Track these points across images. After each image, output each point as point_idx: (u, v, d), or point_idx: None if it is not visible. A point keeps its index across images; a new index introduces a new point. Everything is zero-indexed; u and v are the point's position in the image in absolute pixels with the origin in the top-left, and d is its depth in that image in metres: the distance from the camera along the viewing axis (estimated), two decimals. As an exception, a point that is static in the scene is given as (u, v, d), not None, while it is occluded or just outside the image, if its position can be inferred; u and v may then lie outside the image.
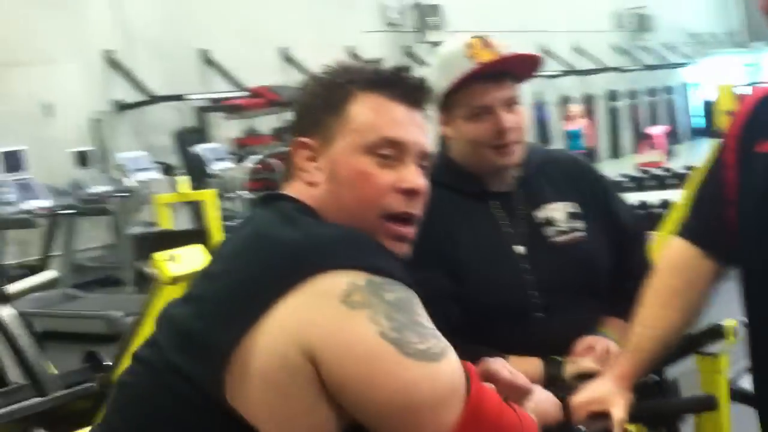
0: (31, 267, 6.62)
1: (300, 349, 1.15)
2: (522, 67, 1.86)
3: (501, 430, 1.23)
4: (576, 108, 13.23)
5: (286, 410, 1.16)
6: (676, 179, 8.57)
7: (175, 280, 2.34)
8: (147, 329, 1.36)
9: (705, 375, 2.03)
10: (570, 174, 1.95)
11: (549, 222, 1.87)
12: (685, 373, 1.86)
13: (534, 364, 1.78)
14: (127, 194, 7.65)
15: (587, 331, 1.83)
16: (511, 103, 1.82)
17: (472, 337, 1.69)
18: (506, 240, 1.84)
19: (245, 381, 1.16)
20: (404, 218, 1.33)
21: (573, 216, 1.89)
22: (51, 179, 7.52)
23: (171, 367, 1.20)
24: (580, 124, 12.60)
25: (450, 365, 1.21)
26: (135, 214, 7.80)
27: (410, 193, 1.32)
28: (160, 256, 2.27)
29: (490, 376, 1.36)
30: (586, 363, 1.79)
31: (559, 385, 1.73)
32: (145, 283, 6.92)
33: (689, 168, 9.67)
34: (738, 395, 2.10)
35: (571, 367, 1.79)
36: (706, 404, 1.82)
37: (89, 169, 7.88)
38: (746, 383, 2.08)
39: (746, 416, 2.00)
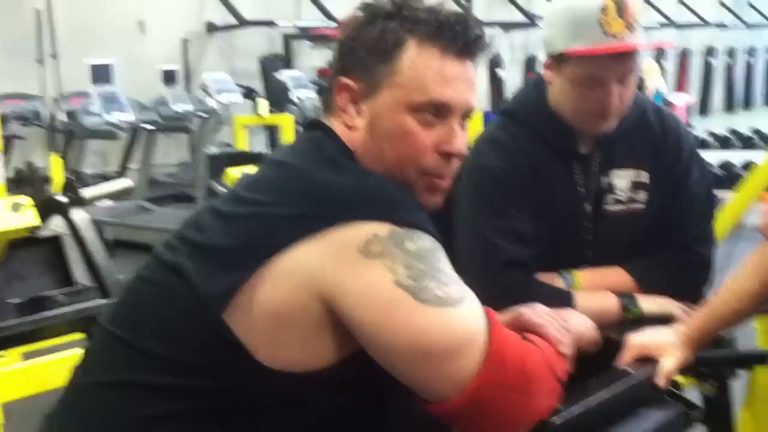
0: (109, 178, 6.79)
1: (314, 292, 1.17)
2: (654, 48, 1.80)
3: (525, 376, 1.23)
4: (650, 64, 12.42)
5: (282, 339, 1.19)
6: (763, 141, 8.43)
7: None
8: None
9: (765, 334, 2.02)
10: (655, 140, 1.88)
11: (610, 189, 1.86)
12: (744, 331, 1.82)
13: (609, 300, 1.81)
14: (207, 114, 7.77)
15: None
16: (625, 76, 1.74)
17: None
18: (578, 198, 1.85)
19: (249, 307, 1.18)
20: (440, 176, 1.33)
21: (637, 186, 1.86)
22: (138, 94, 7.67)
23: (178, 272, 1.24)
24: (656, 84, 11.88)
25: (468, 311, 1.21)
26: (213, 135, 7.93)
27: (449, 155, 1.32)
28: (232, 172, 2.32)
29: (523, 324, 1.36)
30: (664, 304, 1.79)
31: (630, 322, 1.76)
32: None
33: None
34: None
35: (647, 304, 1.80)
36: (763, 358, 1.82)
37: (175, 88, 8.02)
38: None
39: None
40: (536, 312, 1.40)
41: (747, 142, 9.13)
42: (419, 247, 1.20)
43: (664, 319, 1.74)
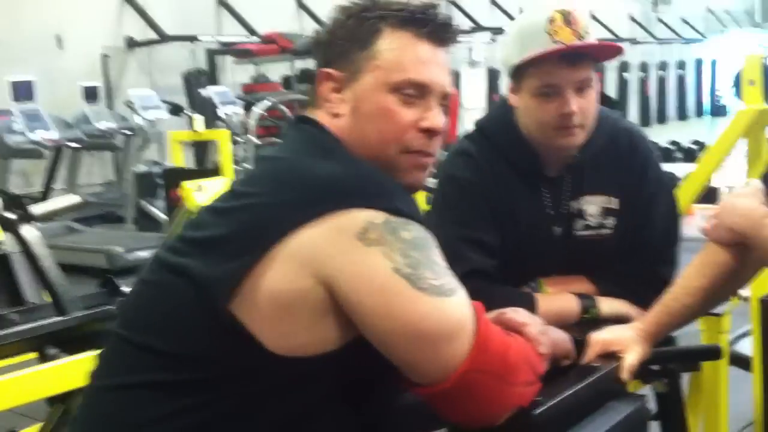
0: (34, 198, 6.63)
1: (315, 276, 1.21)
2: (601, 51, 1.83)
3: (507, 365, 1.30)
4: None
5: (288, 325, 1.23)
6: (682, 153, 8.70)
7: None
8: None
9: (709, 333, 2.12)
10: (624, 164, 1.92)
11: (580, 214, 1.91)
12: (687, 333, 1.90)
13: (570, 301, 1.87)
14: (132, 132, 7.66)
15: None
16: (582, 86, 1.79)
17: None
18: (547, 220, 1.90)
19: (253, 295, 1.22)
20: (423, 154, 1.38)
21: (607, 212, 1.92)
22: (58, 111, 7.51)
23: (181, 270, 1.27)
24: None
25: (460, 301, 1.28)
26: (140, 152, 7.82)
27: (430, 131, 1.38)
28: (188, 186, 2.33)
29: (504, 322, 1.42)
30: (621, 306, 1.86)
31: (588, 322, 1.83)
32: (146, 220, 7.00)
33: (696, 143, 9.79)
34: (735, 359, 2.18)
35: (606, 306, 1.87)
36: (713, 353, 1.94)
37: (97, 104, 7.88)
38: (743, 348, 2.17)
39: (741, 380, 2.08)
40: (518, 313, 1.46)
41: (666, 155, 9.39)
42: (414, 237, 1.25)
43: (621, 320, 1.82)
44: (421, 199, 3.12)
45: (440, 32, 1.39)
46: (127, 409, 1.26)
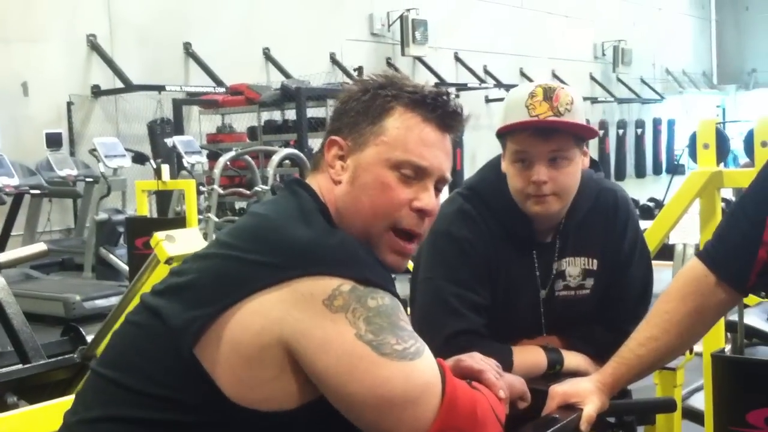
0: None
1: (276, 335, 1.25)
2: (572, 128, 1.87)
3: (475, 421, 1.33)
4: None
5: (248, 376, 1.26)
6: (639, 210, 8.84)
7: (170, 260, 2.41)
8: (134, 305, 1.46)
9: (663, 387, 2.17)
10: (607, 227, 2.00)
11: (561, 275, 1.98)
12: (641, 387, 1.96)
13: (539, 356, 1.94)
14: (94, 179, 7.62)
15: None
16: (556, 158, 1.85)
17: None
18: (535, 283, 1.97)
19: (217, 342, 1.26)
20: (410, 235, 1.42)
21: (587, 273, 1.99)
22: (22, 158, 7.47)
23: (156, 312, 1.31)
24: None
25: (425, 364, 1.30)
26: (102, 200, 7.77)
27: (422, 212, 1.42)
28: (158, 236, 2.34)
29: (462, 370, 1.46)
30: (582, 362, 1.92)
31: (552, 375, 1.90)
32: (105, 268, 6.94)
33: (652, 200, 9.97)
34: (687, 413, 2.24)
35: (569, 360, 1.94)
36: (668, 406, 2.00)
37: (59, 151, 7.84)
38: (696, 402, 2.23)
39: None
40: (474, 359, 1.49)
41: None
42: (379, 304, 1.28)
43: (581, 374, 1.87)
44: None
45: (448, 119, 1.45)
46: None
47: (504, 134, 1.89)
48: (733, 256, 1.68)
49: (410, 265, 2.11)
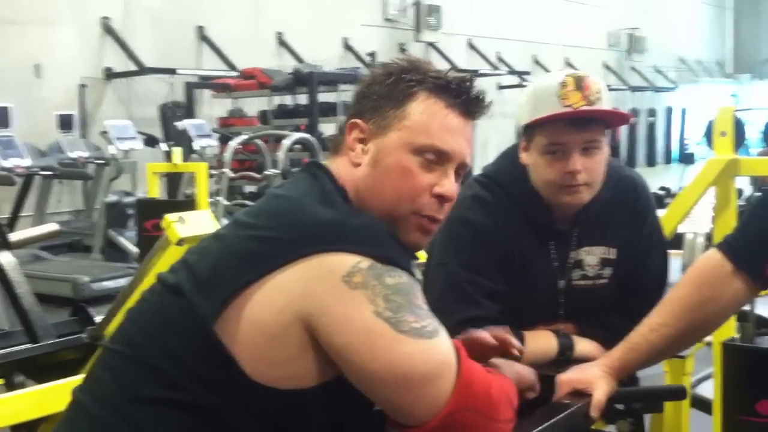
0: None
1: (296, 312, 1.26)
2: (609, 116, 1.89)
3: (490, 402, 1.34)
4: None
5: (268, 354, 1.27)
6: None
7: (181, 242, 2.40)
8: (145, 286, 1.46)
9: (673, 375, 2.16)
10: (627, 216, 1.99)
11: (578, 264, 1.97)
12: (649, 374, 1.95)
13: (550, 342, 1.93)
14: (104, 161, 7.64)
15: None
16: (588, 147, 1.85)
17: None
18: (552, 272, 1.97)
19: (238, 322, 1.26)
20: (432, 219, 1.43)
21: (605, 262, 1.98)
22: (34, 139, 7.49)
23: (177, 290, 1.32)
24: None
25: (442, 343, 1.32)
26: (112, 182, 7.80)
27: (443, 197, 1.43)
28: (169, 217, 2.35)
29: (475, 343, 1.46)
30: (593, 348, 1.91)
31: (563, 361, 1.89)
32: (114, 250, 6.97)
33: (663, 189, 9.92)
34: (696, 401, 2.23)
35: (579, 347, 1.93)
36: (678, 393, 1.98)
37: (71, 134, 7.86)
38: (705, 391, 2.22)
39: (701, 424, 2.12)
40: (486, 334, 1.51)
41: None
42: (398, 282, 1.29)
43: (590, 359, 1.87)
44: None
45: (471, 105, 1.45)
46: (119, 421, 1.28)
47: (533, 125, 1.87)
48: (753, 246, 1.67)
49: (422, 255, 2.11)
